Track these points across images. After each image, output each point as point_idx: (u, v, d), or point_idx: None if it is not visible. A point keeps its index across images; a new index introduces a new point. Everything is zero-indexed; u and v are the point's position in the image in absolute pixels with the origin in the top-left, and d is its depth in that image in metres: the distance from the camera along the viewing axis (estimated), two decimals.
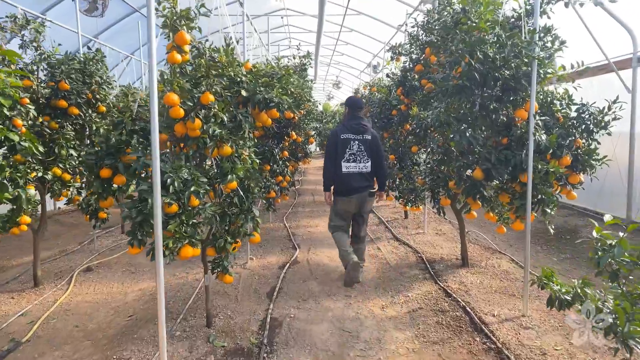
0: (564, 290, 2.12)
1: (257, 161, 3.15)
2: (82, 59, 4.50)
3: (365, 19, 11.06)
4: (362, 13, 10.72)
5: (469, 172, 3.94)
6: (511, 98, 3.53)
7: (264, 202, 6.06)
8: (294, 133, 5.95)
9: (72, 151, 4.27)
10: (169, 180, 2.45)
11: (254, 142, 3.38)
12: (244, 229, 3.13)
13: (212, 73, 2.65)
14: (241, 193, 3.13)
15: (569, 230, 6.01)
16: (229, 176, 2.86)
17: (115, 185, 3.15)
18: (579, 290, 2.03)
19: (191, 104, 2.59)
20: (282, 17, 10.73)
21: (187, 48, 2.73)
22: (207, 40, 3.11)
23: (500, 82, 3.43)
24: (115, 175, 3.03)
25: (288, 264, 4.79)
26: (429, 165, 4.71)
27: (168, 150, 2.90)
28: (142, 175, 2.70)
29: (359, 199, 4.07)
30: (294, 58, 7.36)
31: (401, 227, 6.54)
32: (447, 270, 4.53)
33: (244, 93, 2.83)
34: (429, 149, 4.83)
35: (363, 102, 4.34)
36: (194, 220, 2.68)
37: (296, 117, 5.46)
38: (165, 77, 2.56)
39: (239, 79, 2.89)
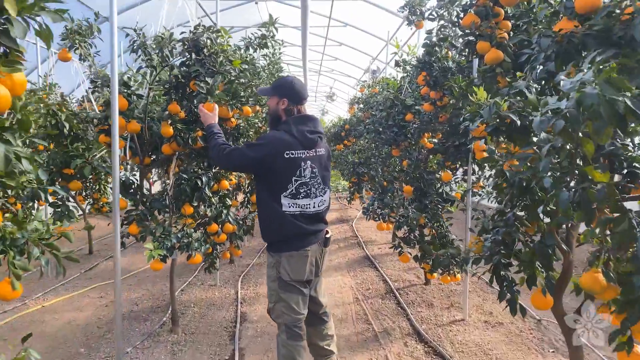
0: None
1: None
2: None
3: (362, 7, 8.73)
4: None
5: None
6: None
7: (205, 260, 3.64)
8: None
9: None
10: None
11: None
12: None
13: None
14: None
15: None
16: None
17: None
18: None
19: None
20: (255, 3, 8.43)
21: None
22: None
23: None
24: None
25: None
26: (500, 216, 2.23)
27: None
28: None
29: (317, 252, 2.30)
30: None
31: (423, 303, 4.01)
32: None
33: None
34: (496, 180, 2.38)
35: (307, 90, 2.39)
36: None
37: (234, 121, 3.01)
38: None
39: None
